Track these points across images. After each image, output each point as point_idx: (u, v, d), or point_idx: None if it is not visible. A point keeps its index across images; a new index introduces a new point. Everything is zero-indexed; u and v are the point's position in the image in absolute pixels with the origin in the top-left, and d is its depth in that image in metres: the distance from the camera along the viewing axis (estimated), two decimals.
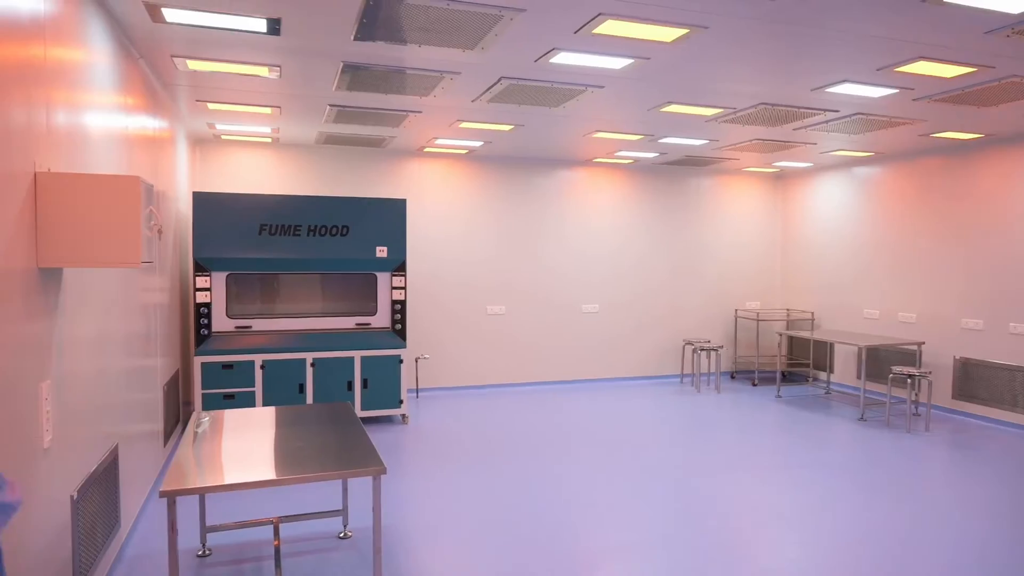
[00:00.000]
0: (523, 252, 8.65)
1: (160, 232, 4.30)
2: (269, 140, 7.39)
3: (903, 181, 7.99)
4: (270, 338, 6.41)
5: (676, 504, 4.67)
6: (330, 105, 5.64)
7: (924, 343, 7.49)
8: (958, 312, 7.34)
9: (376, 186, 7.97)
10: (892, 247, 8.13)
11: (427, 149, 7.85)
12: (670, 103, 5.42)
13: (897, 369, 6.92)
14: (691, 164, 8.83)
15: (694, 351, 8.76)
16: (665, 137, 6.91)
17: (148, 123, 4.63)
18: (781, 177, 9.82)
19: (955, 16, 3.47)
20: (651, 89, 5.02)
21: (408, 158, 8.11)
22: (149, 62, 4.49)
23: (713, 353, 9.11)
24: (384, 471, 2.95)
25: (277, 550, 3.50)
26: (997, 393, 6.93)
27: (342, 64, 4.45)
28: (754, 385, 9.09)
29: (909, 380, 6.84)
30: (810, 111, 5.62)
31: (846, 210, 8.78)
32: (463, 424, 6.86)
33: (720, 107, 5.55)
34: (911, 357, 7.68)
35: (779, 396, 8.38)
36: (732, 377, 9.61)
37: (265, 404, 6.30)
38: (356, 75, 4.70)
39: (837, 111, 5.62)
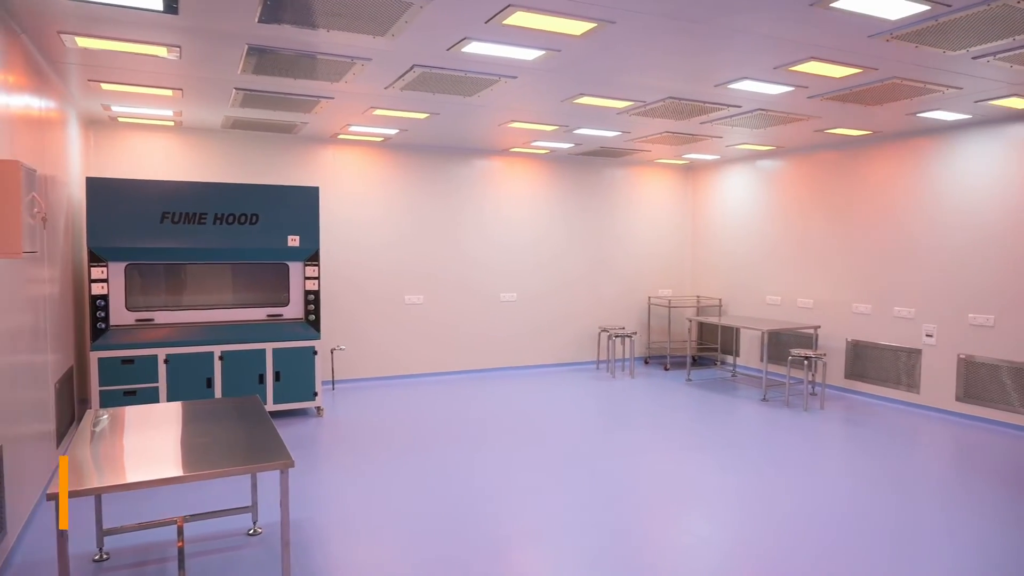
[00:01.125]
0: (441, 242, 8.62)
1: (44, 220, 4.05)
2: (171, 123, 7.04)
3: (801, 174, 8.45)
4: (174, 331, 6.14)
5: (593, 487, 4.81)
6: (236, 88, 5.43)
7: (820, 327, 7.98)
8: (850, 297, 7.85)
9: (288, 173, 7.74)
10: (792, 236, 8.59)
11: (341, 136, 7.68)
12: (582, 95, 5.53)
13: (795, 352, 7.34)
14: (605, 155, 9.02)
15: (609, 338, 9.00)
16: (579, 128, 7.04)
17: (32, 103, 4.33)
18: (691, 169, 10.18)
19: (840, 20, 3.70)
20: (563, 81, 5.10)
21: (321, 145, 7.92)
22: (33, 38, 4.19)
23: (627, 339, 9.38)
24: (292, 464, 2.91)
25: (181, 551, 3.38)
26: (883, 372, 7.47)
27: (247, 47, 4.29)
28: (666, 369, 9.42)
29: (806, 362, 7.27)
30: (715, 106, 5.85)
31: (751, 201, 9.21)
32: (380, 415, 6.80)
33: (630, 100, 5.69)
34: (808, 340, 8.16)
35: (689, 380, 8.73)
36: (646, 362, 9.93)
37: (170, 400, 6.04)
38: (262, 58, 4.54)
39: (739, 107, 5.87)
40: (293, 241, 6.52)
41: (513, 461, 5.38)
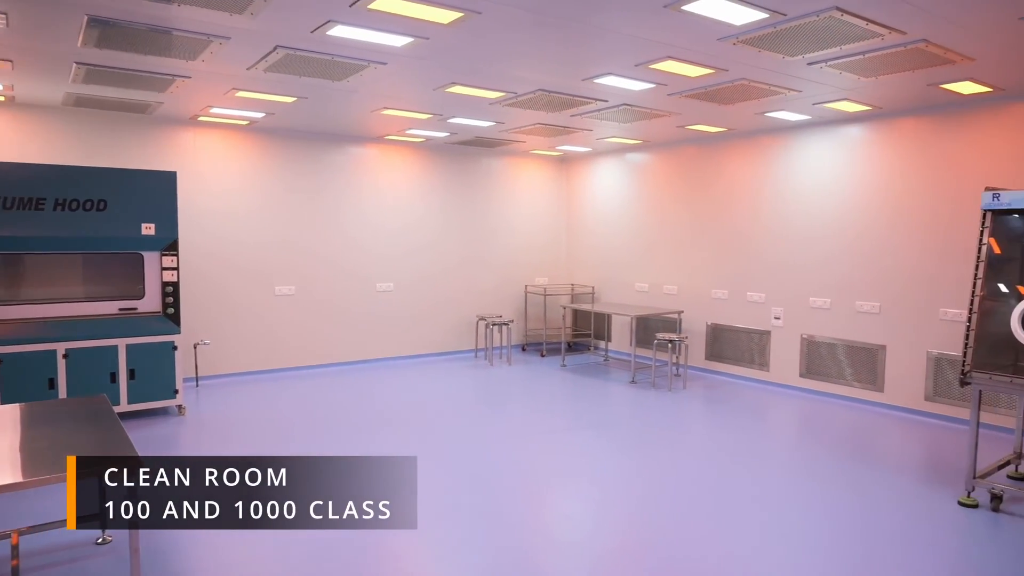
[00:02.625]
0: (314, 231, 8.35)
1: None
2: (1, 99, 6.35)
3: (666, 167, 8.92)
4: (9, 328, 5.57)
5: (472, 472, 4.86)
6: (77, 63, 4.97)
7: (683, 311, 8.48)
8: (709, 284, 8.40)
9: (142, 157, 7.17)
10: (658, 226, 9.05)
11: (202, 118, 7.23)
12: (454, 84, 5.53)
13: (660, 336, 7.77)
14: (481, 145, 9.08)
15: (487, 326, 9.10)
16: (453, 117, 7.03)
17: None
18: (565, 160, 10.46)
19: (692, 23, 3.93)
20: (434, 69, 5.08)
21: (180, 127, 7.42)
22: None
23: (505, 327, 9.53)
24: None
25: (15, 569, 3.10)
26: (739, 352, 8.07)
27: (87, 17, 3.95)
28: (542, 356, 9.67)
29: (670, 345, 7.71)
30: (583, 99, 6.04)
31: (621, 193, 9.61)
32: (248, 411, 6.53)
33: (502, 91, 5.76)
34: (673, 324, 8.64)
35: (564, 365, 9.01)
36: (523, 349, 10.14)
37: (5, 404, 5.47)
38: (106, 31, 4.19)
39: (606, 100, 6.10)
40: (148, 229, 6.09)
41: (390, 451, 5.33)
